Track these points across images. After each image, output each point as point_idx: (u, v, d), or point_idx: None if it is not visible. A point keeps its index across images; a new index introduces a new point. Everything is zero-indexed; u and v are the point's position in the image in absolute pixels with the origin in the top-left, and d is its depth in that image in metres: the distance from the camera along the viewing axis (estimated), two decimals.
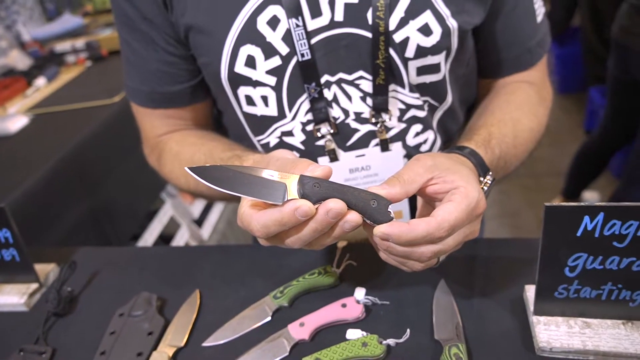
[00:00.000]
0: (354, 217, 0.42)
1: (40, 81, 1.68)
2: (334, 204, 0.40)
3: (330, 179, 0.43)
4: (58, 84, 1.69)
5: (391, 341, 0.51)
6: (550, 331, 0.47)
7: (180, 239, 1.88)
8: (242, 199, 0.45)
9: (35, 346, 0.60)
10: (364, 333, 0.53)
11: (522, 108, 0.63)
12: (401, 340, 0.51)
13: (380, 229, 0.43)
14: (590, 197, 2.14)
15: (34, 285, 0.70)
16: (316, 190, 0.42)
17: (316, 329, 0.54)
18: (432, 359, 0.49)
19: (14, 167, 1.20)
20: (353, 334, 0.53)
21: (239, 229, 2.66)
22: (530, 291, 0.52)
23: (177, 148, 0.67)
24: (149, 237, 1.67)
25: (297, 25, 0.55)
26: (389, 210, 0.43)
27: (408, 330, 0.52)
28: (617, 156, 1.96)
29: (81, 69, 1.78)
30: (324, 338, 0.54)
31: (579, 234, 0.43)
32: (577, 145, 2.02)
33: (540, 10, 0.65)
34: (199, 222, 2.13)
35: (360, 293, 0.58)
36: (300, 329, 0.54)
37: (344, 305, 0.55)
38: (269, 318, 0.57)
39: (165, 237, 1.82)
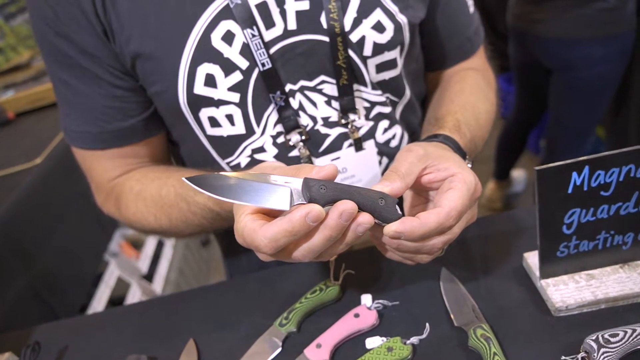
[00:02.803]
0: (366, 218, 0.40)
1: None
2: (346, 205, 0.39)
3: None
4: None
5: (414, 339, 0.50)
6: (561, 291, 0.49)
7: (132, 298, 1.73)
8: (240, 214, 0.42)
9: None
10: (384, 338, 0.51)
11: (475, 93, 0.67)
12: (424, 337, 0.50)
13: (391, 228, 0.42)
14: (518, 175, 2.32)
15: None
16: (323, 192, 0.40)
17: (334, 347, 0.51)
18: (459, 346, 0.49)
19: None
20: (373, 342, 0.51)
21: (192, 276, 2.50)
22: (530, 258, 0.54)
23: (139, 186, 0.62)
24: (97, 304, 1.51)
25: (254, 36, 0.54)
26: (396, 207, 0.42)
27: (427, 324, 0.51)
28: (531, 135, 2.15)
29: None
30: (345, 354, 0.52)
31: (570, 190, 0.46)
32: (495, 131, 2.18)
33: (470, 1, 0.70)
34: (149, 277, 1.98)
35: (367, 299, 0.56)
36: (318, 351, 0.51)
37: (357, 315, 0.53)
38: (280, 348, 0.54)
39: (115, 301, 1.66)
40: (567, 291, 0.49)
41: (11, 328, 1.00)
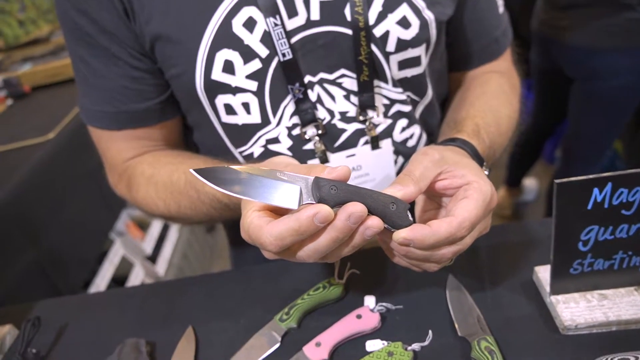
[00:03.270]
0: (375, 222, 0.39)
1: None
2: (355, 208, 0.37)
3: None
4: None
5: (416, 346, 0.49)
6: (571, 309, 0.48)
7: (135, 278, 1.74)
8: (247, 210, 0.41)
9: None
10: (385, 342, 0.50)
11: (498, 97, 0.65)
12: (425, 343, 0.49)
13: (401, 234, 0.41)
14: (530, 183, 2.28)
15: None
16: (333, 193, 0.39)
17: (334, 347, 0.51)
18: (461, 357, 0.48)
19: None
20: (373, 345, 0.50)
21: (196, 261, 2.52)
22: (541, 272, 0.52)
23: (151, 170, 0.62)
24: (101, 282, 1.52)
25: (276, 24, 0.52)
26: (407, 213, 0.41)
27: (430, 331, 0.50)
28: (547, 144, 2.11)
29: (2, 109, 1.61)
30: (344, 355, 0.51)
31: (589, 206, 0.44)
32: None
33: (500, 1, 0.67)
34: (153, 258, 1.99)
35: (371, 301, 0.55)
36: (317, 350, 0.50)
37: (359, 317, 0.52)
38: (279, 344, 0.53)
39: (118, 280, 1.67)
40: (577, 310, 0.47)
41: (15, 302, 1.01)
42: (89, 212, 1.36)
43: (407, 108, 0.62)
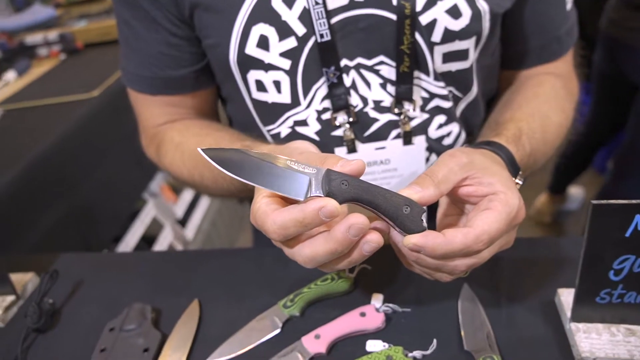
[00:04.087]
0: (374, 237, 0.37)
1: (10, 75, 1.57)
2: (357, 219, 0.35)
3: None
4: (30, 77, 1.58)
5: (417, 353, 0.47)
6: (591, 339, 0.44)
7: (164, 240, 1.80)
8: (258, 195, 0.40)
9: None
10: (386, 344, 0.49)
11: (549, 102, 0.60)
12: (428, 352, 0.47)
13: (411, 240, 0.38)
14: (575, 192, 2.16)
15: (10, 298, 0.62)
16: (344, 188, 0.37)
17: (333, 341, 0.49)
18: None
19: None
20: (374, 345, 0.49)
21: (224, 230, 2.58)
22: (564, 295, 0.48)
23: (179, 138, 0.62)
24: (130, 239, 1.58)
25: (317, 3, 0.50)
26: (422, 218, 0.39)
27: (435, 340, 0.48)
28: (599, 153, 1.98)
29: (55, 62, 1.67)
30: (342, 351, 0.49)
31: (628, 234, 0.40)
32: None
33: None
34: (183, 222, 2.05)
35: (378, 300, 0.53)
36: (316, 342, 0.49)
37: (362, 314, 0.50)
38: (279, 330, 0.52)
39: (147, 239, 1.74)
40: (599, 342, 0.44)
41: (45, 250, 1.06)
42: (124, 171, 1.41)
43: (447, 104, 0.59)
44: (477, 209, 0.41)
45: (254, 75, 0.56)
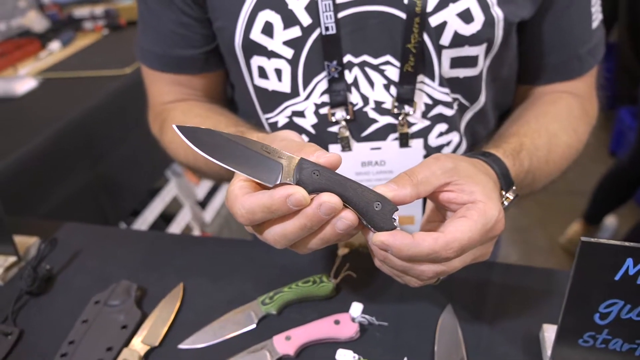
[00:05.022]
0: (348, 215, 0.36)
1: (55, 45, 1.64)
2: (330, 198, 0.35)
3: (336, 171, 0.37)
4: (72, 49, 1.65)
5: None
6: None
7: (182, 219, 1.84)
8: (235, 178, 0.40)
9: (2, 326, 0.56)
10: (356, 356, 0.48)
11: (561, 121, 0.57)
12: None
13: (379, 237, 0.37)
14: (610, 222, 2.05)
15: (12, 259, 0.65)
16: (314, 178, 0.36)
17: (303, 345, 0.49)
18: None
19: (16, 129, 1.17)
20: (343, 355, 0.48)
21: None
22: (548, 331, 0.46)
23: (182, 118, 0.63)
24: (149, 215, 1.63)
25: None
26: (393, 217, 0.38)
27: (406, 358, 0.46)
28: None
29: (97, 37, 1.74)
30: (311, 356, 0.49)
31: (617, 277, 0.37)
32: (599, 165, 1.92)
33: (597, 15, 0.57)
34: (203, 204, 2.09)
35: (356, 309, 0.52)
36: (286, 343, 0.49)
37: (337, 322, 0.50)
38: (254, 325, 0.52)
39: (166, 216, 1.78)
40: None
41: (63, 217, 1.11)
42: (149, 148, 1.44)
43: (450, 112, 0.57)
44: (453, 216, 0.39)
45: (257, 61, 0.56)
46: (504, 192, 0.47)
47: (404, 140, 0.57)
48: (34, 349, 0.54)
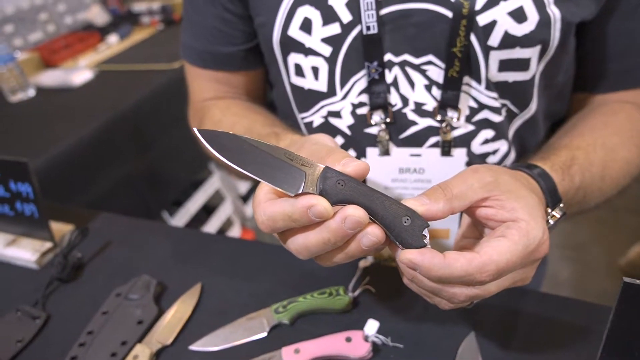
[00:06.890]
0: (375, 231, 0.34)
1: (113, 38, 1.72)
2: (353, 211, 0.33)
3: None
4: (129, 42, 1.72)
5: None
6: None
7: (223, 213, 1.88)
8: (261, 182, 0.39)
9: (32, 309, 0.58)
10: None
11: (621, 134, 0.51)
12: None
13: (407, 255, 0.34)
14: None
15: (48, 245, 0.68)
16: (339, 189, 0.34)
17: (313, 359, 0.47)
18: None
19: (69, 119, 1.23)
20: None
21: None
22: None
23: (220, 116, 0.63)
24: (191, 206, 1.67)
25: None
26: (423, 234, 0.35)
27: None
28: None
29: (152, 31, 1.80)
30: None
31: None
32: None
33: None
34: (245, 198, 2.12)
35: (371, 327, 0.49)
36: (295, 356, 0.47)
37: (348, 339, 0.47)
38: (265, 334, 0.51)
39: (208, 209, 1.82)
40: None
41: (107, 203, 1.15)
42: (193, 141, 1.48)
43: (497, 118, 0.52)
44: (491, 235, 0.36)
45: (294, 58, 0.55)
46: (549, 210, 0.42)
47: (445, 149, 0.53)
48: (57, 335, 0.55)
